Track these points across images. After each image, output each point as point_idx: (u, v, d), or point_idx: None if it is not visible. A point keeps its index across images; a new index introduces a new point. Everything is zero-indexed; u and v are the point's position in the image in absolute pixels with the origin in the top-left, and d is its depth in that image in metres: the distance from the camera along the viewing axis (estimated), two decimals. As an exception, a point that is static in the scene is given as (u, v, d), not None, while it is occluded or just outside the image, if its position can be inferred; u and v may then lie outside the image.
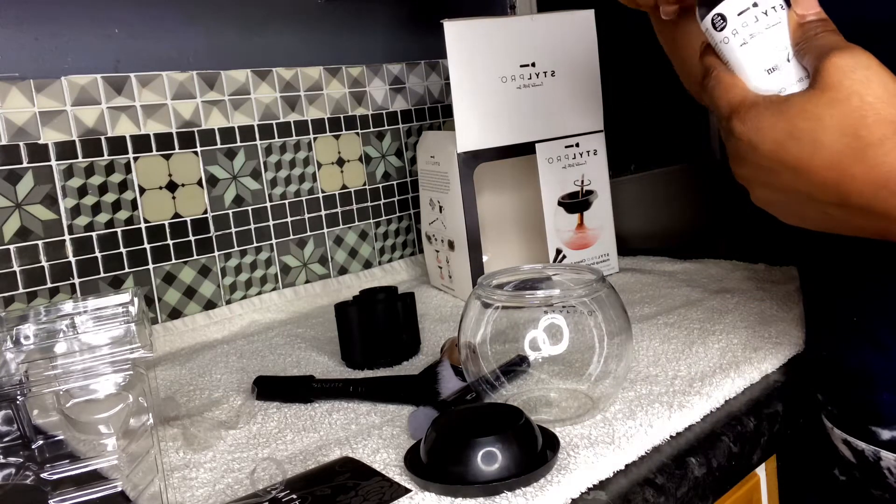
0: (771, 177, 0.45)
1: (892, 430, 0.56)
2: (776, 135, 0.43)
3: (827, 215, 0.45)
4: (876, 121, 0.40)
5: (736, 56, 0.45)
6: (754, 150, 0.44)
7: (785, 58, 0.45)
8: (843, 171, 0.41)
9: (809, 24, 0.44)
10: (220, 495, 0.56)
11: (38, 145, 0.88)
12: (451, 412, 0.57)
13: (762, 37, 0.44)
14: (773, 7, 0.44)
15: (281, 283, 1.09)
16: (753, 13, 0.44)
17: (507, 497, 0.50)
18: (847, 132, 0.41)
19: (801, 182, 0.43)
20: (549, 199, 1.01)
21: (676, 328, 0.79)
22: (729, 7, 0.45)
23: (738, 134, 0.45)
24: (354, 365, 0.80)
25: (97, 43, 0.94)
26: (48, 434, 0.52)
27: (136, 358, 0.52)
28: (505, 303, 0.61)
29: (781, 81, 0.45)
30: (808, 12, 0.45)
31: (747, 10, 0.44)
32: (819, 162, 0.42)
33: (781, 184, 0.45)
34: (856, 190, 0.42)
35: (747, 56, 0.45)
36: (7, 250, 0.87)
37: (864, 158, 0.41)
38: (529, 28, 0.98)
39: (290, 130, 1.09)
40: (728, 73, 0.46)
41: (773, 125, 0.43)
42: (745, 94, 0.45)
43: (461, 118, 0.95)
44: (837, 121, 0.41)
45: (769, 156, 0.44)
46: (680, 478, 0.55)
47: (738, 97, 0.45)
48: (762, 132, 0.44)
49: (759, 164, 0.45)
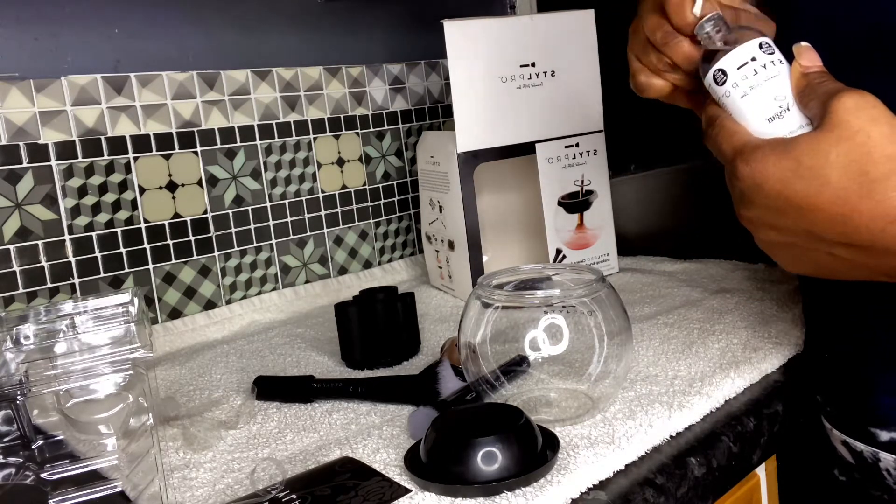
0: (776, 217, 0.45)
1: (890, 431, 0.56)
2: (781, 173, 0.43)
3: (833, 257, 0.45)
4: (882, 157, 0.41)
5: (738, 107, 0.47)
6: (759, 191, 0.44)
7: (785, 107, 0.46)
8: (849, 207, 0.42)
9: (812, 74, 0.46)
10: (220, 495, 0.56)
11: (38, 145, 0.88)
12: (451, 412, 0.57)
13: (762, 88, 0.47)
14: (772, 61, 0.47)
15: (281, 283, 1.09)
16: (752, 66, 0.47)
17: (507, 497, 0.50)
18: (853, 168, 0.41)
19: (808, 221, 0.43)
20: (549, 199, 1.01)
21: (676, 328, 0.79)
22: (729, 62, 0.48)
23: (743, 175, 0.45)
24: (354, 365, 0.80)
25: (97, 43, 0.94)
26: (48, 434, 0.52)
27: (136, 358, 0.52)
28: (505, 303, 0.61)
29: (783, 129, 0.46)
30: (812, 64, 0.46)
31: (746, 64, 0.47)
32: (825, 199, 0.42)
33: (787, 224, 0.45)
34: (863, 226, 0.42)
35: (749, 106, 0.47)
36: (7, 250, 0.87)
37: (870, 194, 0.41)
38: (529, 28, 0.98)
39: (290, 130, 1.09)
40: (731, 121, 0.47)
41: (778, 164, 0.43)
42: (749, 138, 0.46)
43: (461, 118, 0.95)
44: (843, 157, 0.41)
45: (774, 195, 0.44)
46: (680, 478, 0.55)
47: (742, 140, 0.46)
48: (767, 172, 0.44)
49: (764, 205, 0.45)
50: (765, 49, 0.47)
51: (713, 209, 1.38)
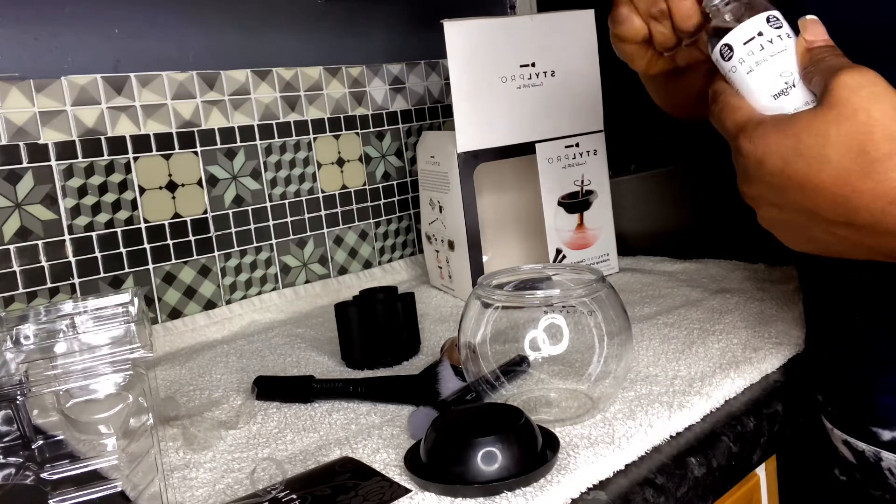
0: (778, 195, 0.45)
1: (892, 430, 0.56)
2: (783, 151, 0.43)
3: (834, 236, 0.45)
4: (883, 136, 0.40)
5: (744, 82, 0.47)
6: (761, 168, 0.44)
7: (791, 83, 0.46)
8: (850, 186, 0.41)
9: (817, 48, 0.45)
10: (220, 495, 0.56)
11: (38, 145, 0.88)
12: (451, 412, 0.57)
13: (768, 64, 0.46)
14: (779, 36, 0.46)
15: (281, 283, 1.09)
16: (759, 42, 0.46)
17: (507, 497, 0.50)
18: (854, 148, 0.41)
19: (809, 199, 0.43)
20: (549, 199, 1.01)
21: (676, 328, 0.79)
22: (735, 37, 0.47)
23: (745, 152, 0.45)
24: (354, 365, 0.80)
25: (97, 43, 0.94)
26: (48, 434, 0.52)
27: (136, 358, 0.52)
28: (505, 303, 0.61)
29: (788, 106, 0.46)
30: (817, 38, 0.45)
31: (752, 40, 0.47)
32: (826, 178, 0.42)
33: (788, 202, 0.45)
34: (863, 206, 0.41)
35: (754, 82, 0.47)
36: (7, 250, 0.87)
37: (871, 174, 0.41)
38: (529, 28, 0.98)
39: (290, 130, 1.09)
40: (735, 96, 0.47)
41: (780, 142, 0.43)
42: (752, 114, 0.46)
43: (461, 118, 0.95)
44: (844, 136, 0.41)
45: (776, 172, 0.44)
46: (680, 478, 0.55)
47: (745, 117, 0.46)
48: (769, 149, 0.44)
49: (766, 182, 0.45)
50: (772, 23, 0.46)
51: (713, 209, 1.38)
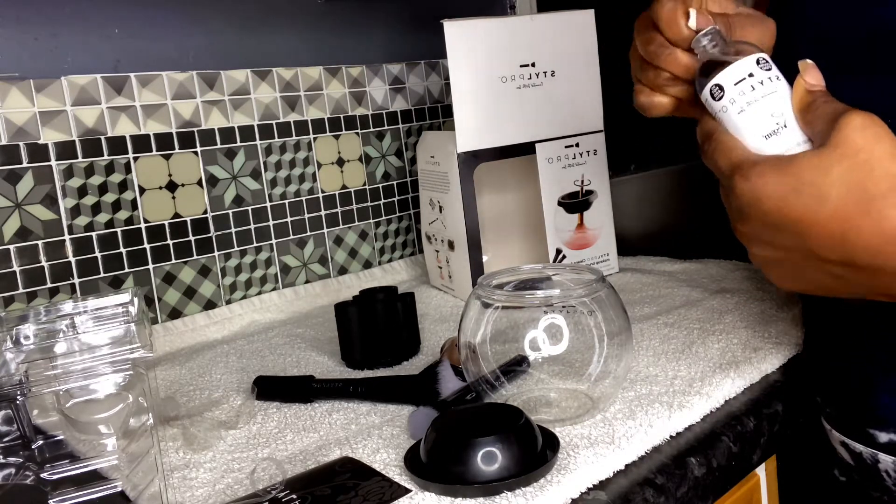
0: (773, 234, 0.45)
1: (889, 432, 0.56)
2: (781, 190, 0.43)
3: (829, 275, 0.44)
4: (883, 174, 0.40)
5: (734, 122, 0.47)
6: (757, 206, 0.44)
7: (782, 124, 0.46)
8: (848, 223, 0.41)
9: (816, 93, 0.45)
10: (220, 495, 0.56)
11: (37, 145, 0.88)
12: (451, 412, 0.57)
13: (759, 104, 0.46)
14: (769, 78, 0.47)
15: (281, 283, 1.09)
16: (749, 83, 0.47)
17: (507, 497, 0.50)
18: (854, 185, 0.41)
19: (805, 238, 0.43)
20: (549, 199, 1.01)
21: (676, 328, 0.79)
22: (726, 78, 0.47)
23: (741, 191, 0.45)
24: (354, 365, 0.80)
25: (97, 43, 0.94)
26: (48, 434, 0.52)
27: (136, 358, 0.52)
28: (505, 303, 0.61)
29: (780, 146, 0.46)
30: (817, 83, 0.46)
31: (743, 80, 0.47)
32: (824, 215, 0.42)
33: (783, 242, 0.44)
34: (861, 244, 0.41)
35: (745, 122, 0.47)
36: (7, 250, 0.87)
37: (870, 211, 0.41)
38: (529, 28, 0.98)
39: (290, 130, 1.09)
40: (728, 136, 0.47)
41: (778, 180, 0.43)
42: (748, 154, 0.46)
43: (461, 118, 0.95)
44: (845, 174, 0.41)
45: (773, 211, 0.43)
46: (680, 478, 0.55)
47: (740, 156, 0.46)
48: (766, 188, 0.43)
49: (761, 221, 0.45)
50: (762, 65, 0.47)
51: (713, 209, 1.37)
